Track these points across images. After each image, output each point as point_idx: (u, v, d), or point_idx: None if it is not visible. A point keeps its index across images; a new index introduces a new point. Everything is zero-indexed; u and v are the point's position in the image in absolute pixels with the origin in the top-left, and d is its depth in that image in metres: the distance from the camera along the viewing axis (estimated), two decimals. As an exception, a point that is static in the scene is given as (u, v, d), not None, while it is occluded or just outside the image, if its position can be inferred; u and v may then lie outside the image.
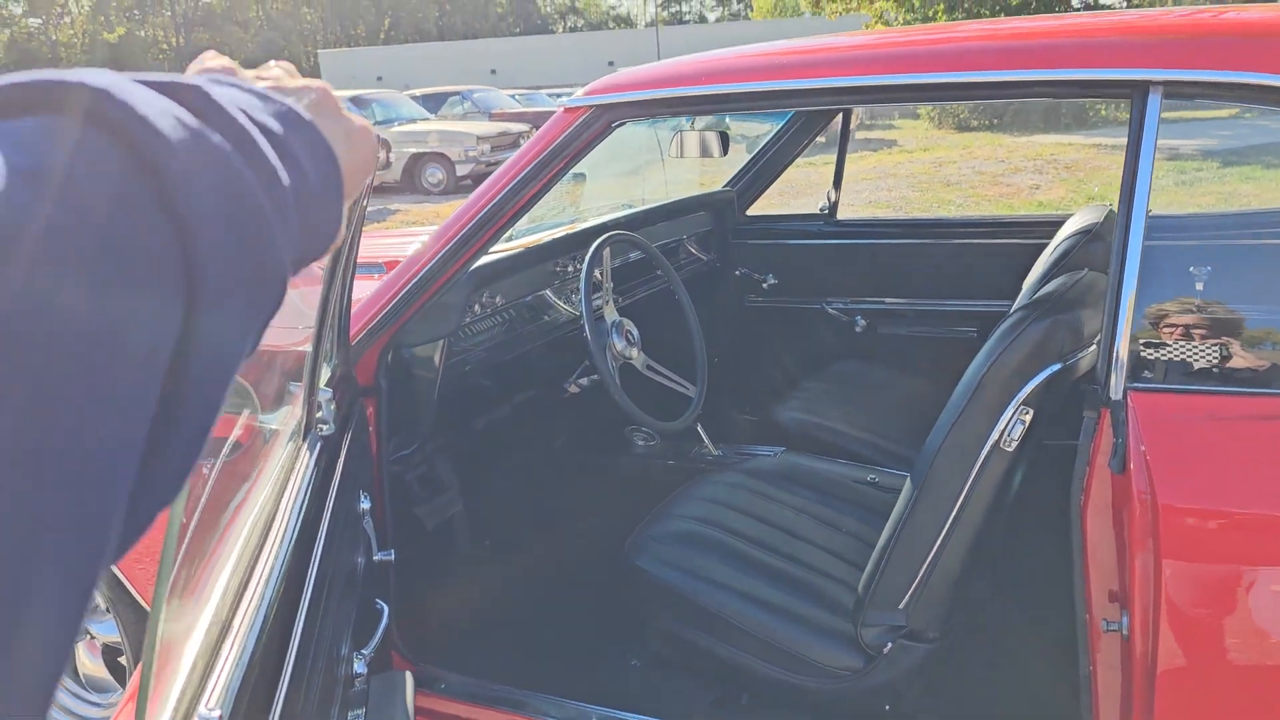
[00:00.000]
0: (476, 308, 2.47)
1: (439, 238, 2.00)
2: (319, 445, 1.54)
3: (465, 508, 2.68)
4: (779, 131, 3.55)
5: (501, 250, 2.64)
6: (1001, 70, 1.63)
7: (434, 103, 18.95)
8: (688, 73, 1.88)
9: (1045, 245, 2.65)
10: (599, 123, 1.91)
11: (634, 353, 2.62)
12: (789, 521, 2.31)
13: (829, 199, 3.56)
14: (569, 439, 2.92)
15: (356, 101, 16.28)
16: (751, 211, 3.71)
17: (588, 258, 2.52)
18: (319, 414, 1.58)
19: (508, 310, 2.63)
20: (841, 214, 3.64)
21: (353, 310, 2.07)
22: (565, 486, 2.82)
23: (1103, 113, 19.51)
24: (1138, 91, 1.54)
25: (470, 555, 2.56)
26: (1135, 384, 1.49)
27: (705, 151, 2.89)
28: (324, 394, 1.58)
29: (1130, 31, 1.66)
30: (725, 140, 2.92)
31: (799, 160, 3.64)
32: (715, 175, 3.89)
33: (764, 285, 3.60)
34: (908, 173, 14.28)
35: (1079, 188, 11.72)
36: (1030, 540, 2.14)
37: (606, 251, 2.61)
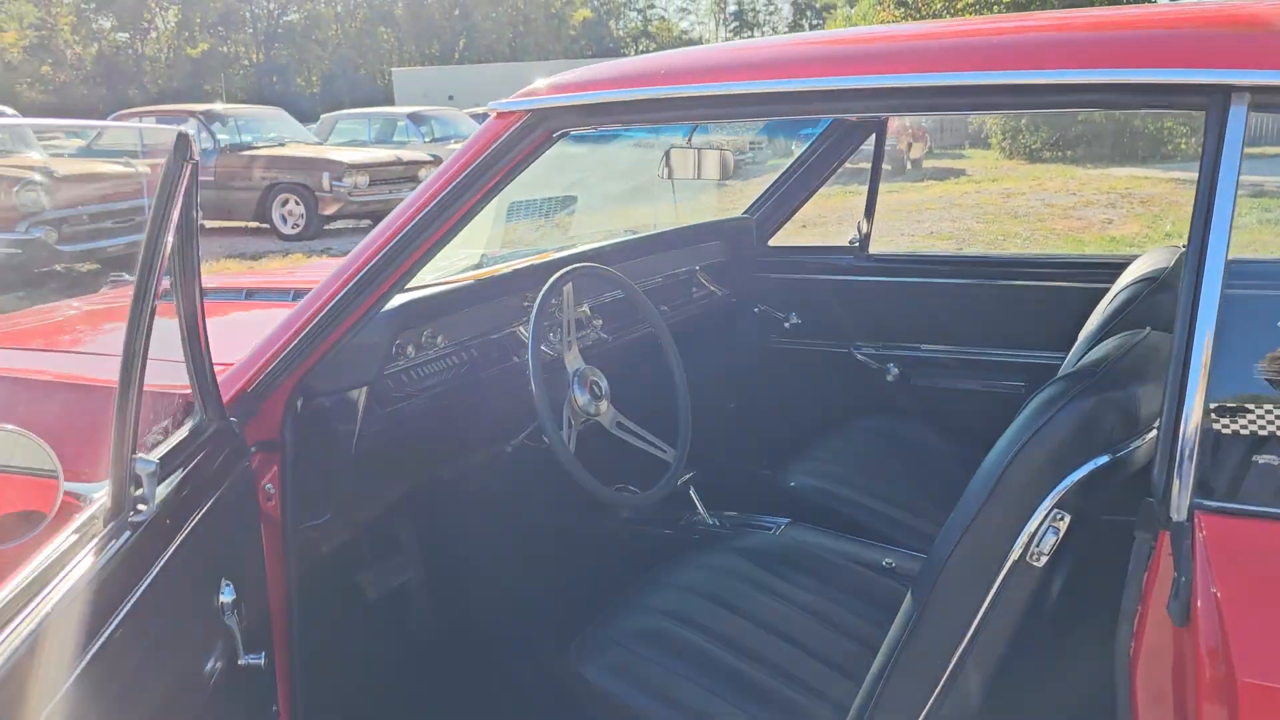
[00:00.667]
0: (411, 349, 2.10)
1: (346, 268, 1.65)
2: (126, 535, 1.19)
3: (420, 573, 2.33)
4: (806, 152, 3.17)
5: (457, 280, 2.28)
6: (1037, 71, 1.23)
7: (494, 121, 18.74)
8: (647, 71, 1.51)
9: (1102, 287, 2.27)
10: (538, 131, 1.54)
11: (602, 407, 2.24)
12: (781, 620, 1.91)
13: (860, 231, 3.16)
14: (545, 498, 2.55)
15: (414, 118, 16.18)
16: (774, 242, 3.33)
17: (541, 293, 2.15)
18: (137, 491, 1.23)
19: (468, 349, 2.27)
20: (883, 247, 3.24)
21: (250, 350, 1.73)
22: (534, 555, 2.45)
23: (1183, 146, 18.78)
24: (1215, 100, 1.14)
25: (409, 638, 2.20)
26: (1206, 501, 1.08)
27: (705, 172, 2.51)
28: (143, 465, 1.23)
29: (1209, 24, 1.26)
30: (727, 161, 2.53)
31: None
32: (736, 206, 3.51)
33: (785, 325, 3.21)
34: (974, 203, 13.81)
35: (1154, 224, 11.17)
36: (1071, 674, 1.71)
37: (568, 287, 2.23)
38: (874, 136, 3.08)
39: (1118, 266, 2.60)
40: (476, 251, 2.60)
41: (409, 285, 2.03)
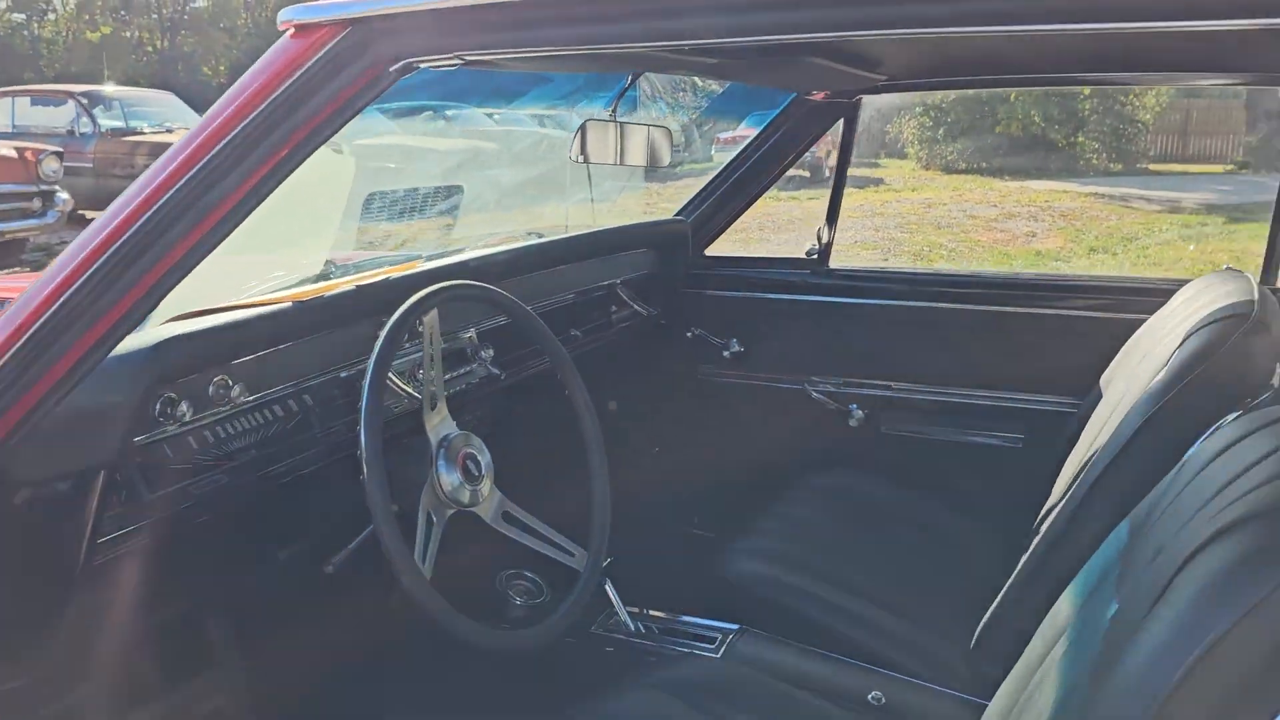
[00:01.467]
0: (185, 407, 1.42)
1: (46, 283, 0.99)
2: None
3: (241, 691, 1.69)
4: (754, 142, 2.59)
5: (270, 302, 1.60)
6: None
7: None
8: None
9: (1130, 320, 1.95)
10: (364, 59, 0.91)
11: (482, 492, 1.57)
12: None
13: (820, 239, 2.59)
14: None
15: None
16: (712, 251, 2.74)
17: (388, 327, 1.50)
18: None
19: (298, 398, 1.61)
20: (837, 261, 2.68)
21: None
22: (385, 682, 1.81)
23: (1094, 162, 18.94)
24: None
25: None
26: None
27: (629, 156, 1.90)
28: None
29: None
30: (661, 143, 1.92)
31: (783, 194, 2.68)
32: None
33: (725, 354, 2.62)
34: (895, 213, 13.61)
35: (1078, 237, 11.06)
36: None
37: (431, 316, 1.58)
38: (841, 124, 2.51)
39: (1142, 295, 2.14)
40: (318, 259, 1.93)
41: (179, 313, 1.39)
